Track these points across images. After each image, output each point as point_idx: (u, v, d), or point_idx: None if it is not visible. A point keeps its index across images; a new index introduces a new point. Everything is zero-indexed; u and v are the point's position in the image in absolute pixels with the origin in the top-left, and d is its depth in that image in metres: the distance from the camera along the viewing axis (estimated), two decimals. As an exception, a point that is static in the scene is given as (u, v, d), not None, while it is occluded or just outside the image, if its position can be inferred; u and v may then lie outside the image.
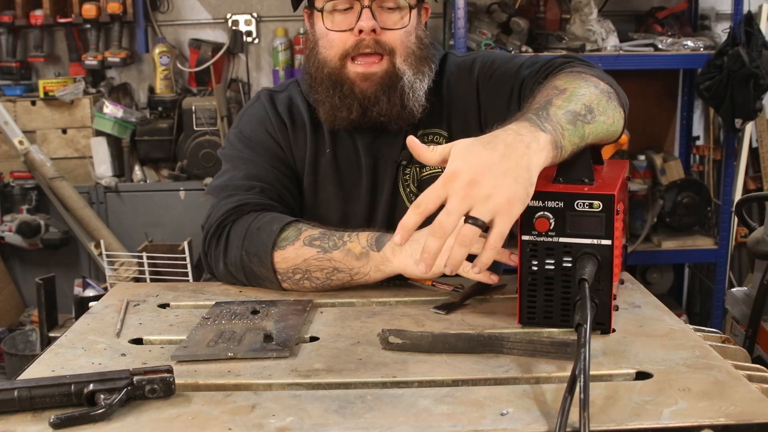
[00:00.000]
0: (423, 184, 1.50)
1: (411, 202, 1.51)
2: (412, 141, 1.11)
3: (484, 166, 1.02)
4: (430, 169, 1.51)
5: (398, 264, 1.28)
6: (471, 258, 1.23)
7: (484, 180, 1.01)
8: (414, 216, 1.04)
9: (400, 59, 1.44)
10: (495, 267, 1.31)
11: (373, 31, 1.40)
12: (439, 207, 1.03)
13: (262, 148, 1.52)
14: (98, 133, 3.57)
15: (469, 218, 1.01)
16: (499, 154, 1.03)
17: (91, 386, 0.88)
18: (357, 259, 1.30)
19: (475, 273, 1.05)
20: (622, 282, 1.30)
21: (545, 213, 1.07)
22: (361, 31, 1.40)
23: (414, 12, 1.46)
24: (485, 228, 1.01)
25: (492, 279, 1.21)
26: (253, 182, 1.46)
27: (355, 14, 1.41)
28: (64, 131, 3.60)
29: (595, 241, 1.06)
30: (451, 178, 1.02)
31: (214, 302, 1.27)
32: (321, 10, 1.44)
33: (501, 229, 1.01)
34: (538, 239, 1.08)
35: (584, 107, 1.17)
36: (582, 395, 0.83)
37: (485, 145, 1.05)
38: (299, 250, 1.32)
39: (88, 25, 3.59)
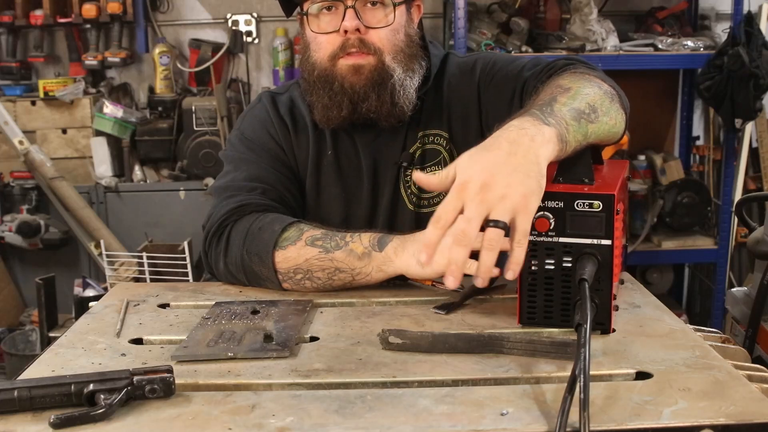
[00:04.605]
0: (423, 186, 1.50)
1: (412, 203, 1.52)
2: (418, 177, 1.11)
3: (493, 167, 1.02)
4: (432, 170, 1.51)
5: (400, 264, 1.28)
6: (474, 256, 1.23)
7: (496, 181, 1.00)
8: (435, 231, 1.03)
9: (388, 57, 1.44)
10: (498, 264, 1.31)
11: (358, 30, 1.40)
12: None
13: (263, 150, 1.52)
14: (98, 133, 3.57)
15: (489, 222, 1.00)
16: (505, 152, 1.03)
17: (91, 386, 0.88)
18: (359, 260, 1.30)
19: (509, 278, 1.04)
20: (622, 282, 1.30)
21: (545, 213, 1.07)
22: (346, 32, 1.40)
23: (401, 10, 1.45)
24: (507, 228, 1.01)
25: (494, 272, 1.19)
26: (255, 183, 1.46)
27: (339, 15, 1.41)
28: (64, 131, 3.60)
29: (595, 241, 1.06)
30: (463, 187, 1.01)
31: (214, 302, 1.27)
32: (307, 14, 1.45)
33: (523, 227, 1.01)
34: (538, 239, 1.08)
35: (588, 106, 1.17)
36: (582, 395, 0.83)
37: (488, 148, 1.05)
38: (301, 250, 1.32)
39: (88, 25, 3.59)
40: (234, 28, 3.75)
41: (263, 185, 1.46)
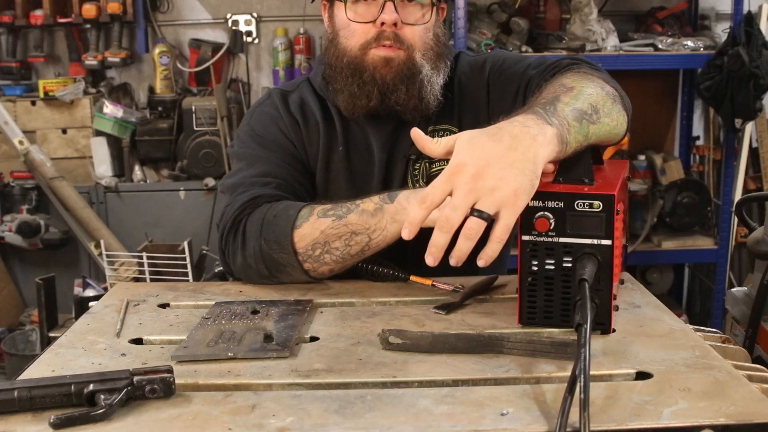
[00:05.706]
0: (432, 179, 1.50)
1: (420, 197, 1.52)
2: (416, 133, 1.12)
3: (490, 157, 1.02)
4: (440, 165, 1.51)
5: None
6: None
7: (490, 172, 1.01)
8: (421, 211, 1.04)
9: (419, 54, 1.46)
10: (499, 266, 1.31)
11: (395, 24, 1.42)
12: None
13: (275, 146, 1.53)
14: (98, 133, 3.57)
15: (474, 211, 1.00)
16: (505, 145, 1.03)
17: (91, 386, 0.88)
18: (372, 216, 1.30)
19: (480, 265, 1.04)
20: (622, 282, 1.30)
21: (545, 213, 1.07)
22: (383, 24, 1.42)
23: (434, 9, 1.48)
24: (491, 220, 1.01)
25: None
26: (268, 179, 1.47)
27: (377, 6, 1.43)
28: (64, 131, 3.60)
29: (595, 241, 1.06)
30: (457, 171, 1.02)
31: (214, 302, 1.27)
32: (344, 1, 1.46)
33: (506, 222, 1.01)
34: (538, 239, 1.08)
35: (590, 107, 1.18)
36: (582, 395, 0.83)
37: (491, 136, 1.05)
38: (315, 223, 1.32)
39: (88, 25, 3.59)
40: (234, 28, 3.75)
41: (277, 180, 1.47)
